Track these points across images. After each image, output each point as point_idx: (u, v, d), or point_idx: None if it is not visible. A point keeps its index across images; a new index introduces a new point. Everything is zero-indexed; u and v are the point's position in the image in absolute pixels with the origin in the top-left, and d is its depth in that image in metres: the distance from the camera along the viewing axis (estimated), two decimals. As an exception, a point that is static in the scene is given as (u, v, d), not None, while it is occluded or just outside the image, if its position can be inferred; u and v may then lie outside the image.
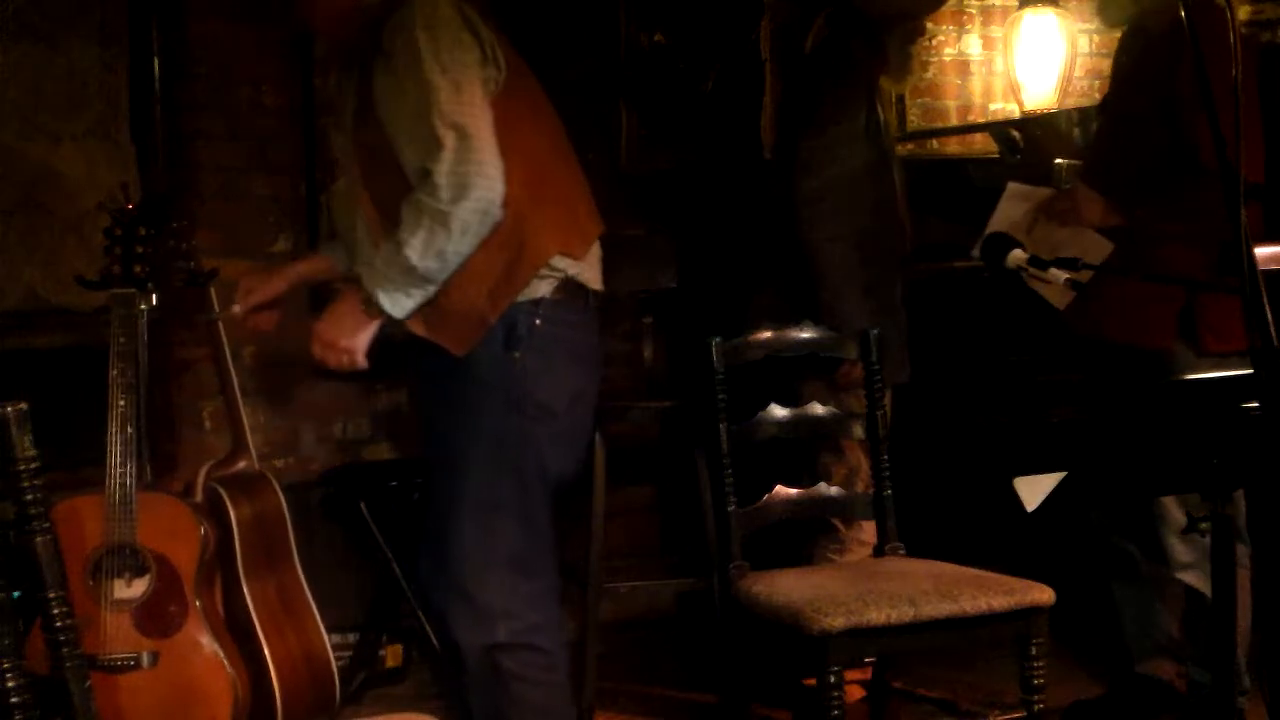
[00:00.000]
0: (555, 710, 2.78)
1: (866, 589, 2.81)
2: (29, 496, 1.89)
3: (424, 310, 2.63)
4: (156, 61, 3.84)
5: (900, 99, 5.04)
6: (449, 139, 2.51)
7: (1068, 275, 2.67)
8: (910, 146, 5.06)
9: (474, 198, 2.52)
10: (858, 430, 3.25)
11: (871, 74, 3.70)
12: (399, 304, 2.60)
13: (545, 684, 2.73)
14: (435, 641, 3.81)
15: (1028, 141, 4.79)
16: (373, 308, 2.60)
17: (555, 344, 2.71)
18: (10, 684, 1.85)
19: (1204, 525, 2.14)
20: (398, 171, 2.63)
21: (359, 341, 2.66)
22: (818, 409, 3.24)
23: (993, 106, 5.19)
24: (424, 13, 2.58)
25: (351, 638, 3.96)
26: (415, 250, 2.54)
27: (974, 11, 5.14)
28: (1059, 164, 3.64)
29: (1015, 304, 3.87)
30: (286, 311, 3.07)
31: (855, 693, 3.52)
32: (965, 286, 3.95)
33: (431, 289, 2.60)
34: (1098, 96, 5.09)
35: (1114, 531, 3.52)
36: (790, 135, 3.81)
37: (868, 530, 3.45)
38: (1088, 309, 3.28)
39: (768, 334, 3.22)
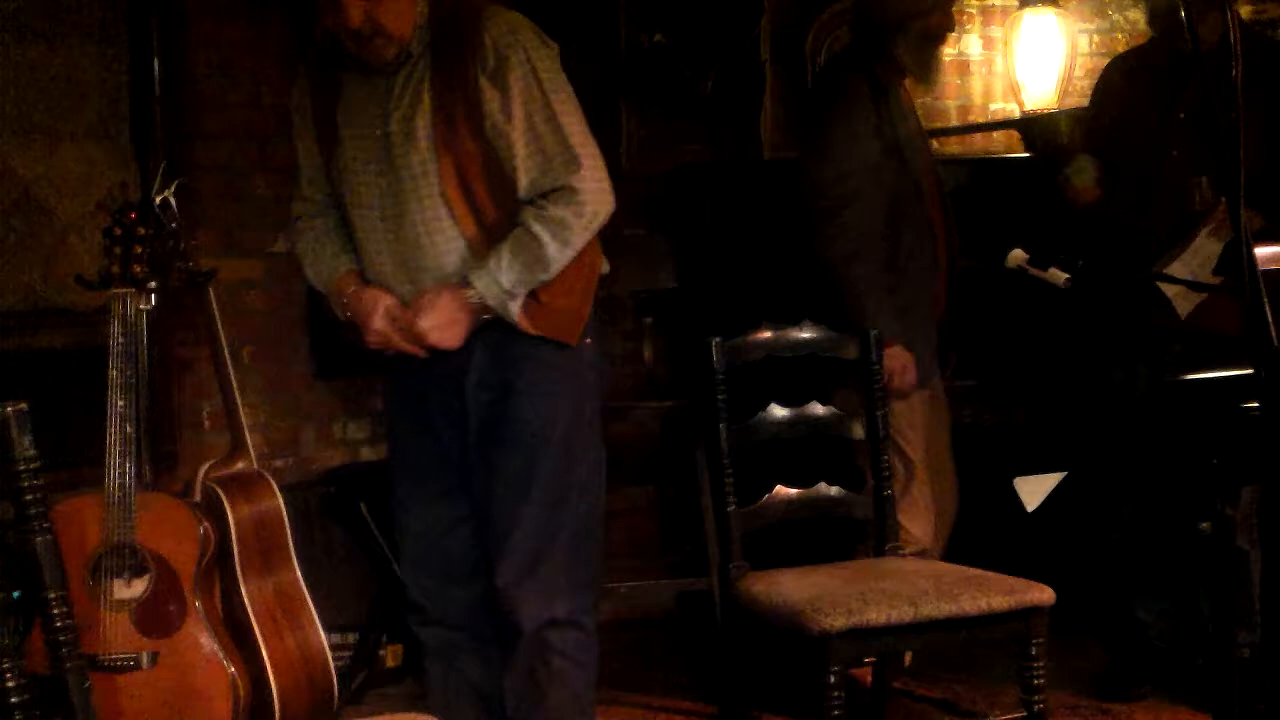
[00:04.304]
0: (587, 698, 2.88)
1: (866, 589, 2.81)
2: (29, 496, 1.89)
3: (530, 309, 2.71)
4: (156, 61, 3.84)
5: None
6: (586, 157, 2.70)
7: (1068, 275, 2.68)
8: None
9: (606, 211, 2.74)
10: (858, 430, 3.24)
11: (882, 79, 3.67)
12: (515, 310, 2.70)
13: (584, 666, 2.84)
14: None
15: (1029, 142, 4.80)
16: (485, 315, 2.70)
17: (599, 330, 2.88)
18: (10, 684, 1.86)
19: (1204, 525, 2.15)
20: (500, 179, 2.69)
21: (462, 335, 2.72)
22: (818, 409, 3.24)
23: (993, 106, 5.19)
24: (522, 31, 2.70)
25: (351, 638, 3.96)
26: (557, 263, 2.69)
27: (974, 11, 5.14)
28: (1199, 181, 3.60)
29: (1016, 303, 3.89)
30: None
31: (865, 676, 3.48)
32: (966, 286, 3.93)
33: None
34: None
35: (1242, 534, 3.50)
36: (801, 146, 3.81)
37: (911, 531, 3.48)
38: (1210, 306, 3.30)
39: (768, 334, 3.22)
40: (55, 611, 1.92)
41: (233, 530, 3.12)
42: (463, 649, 2.90)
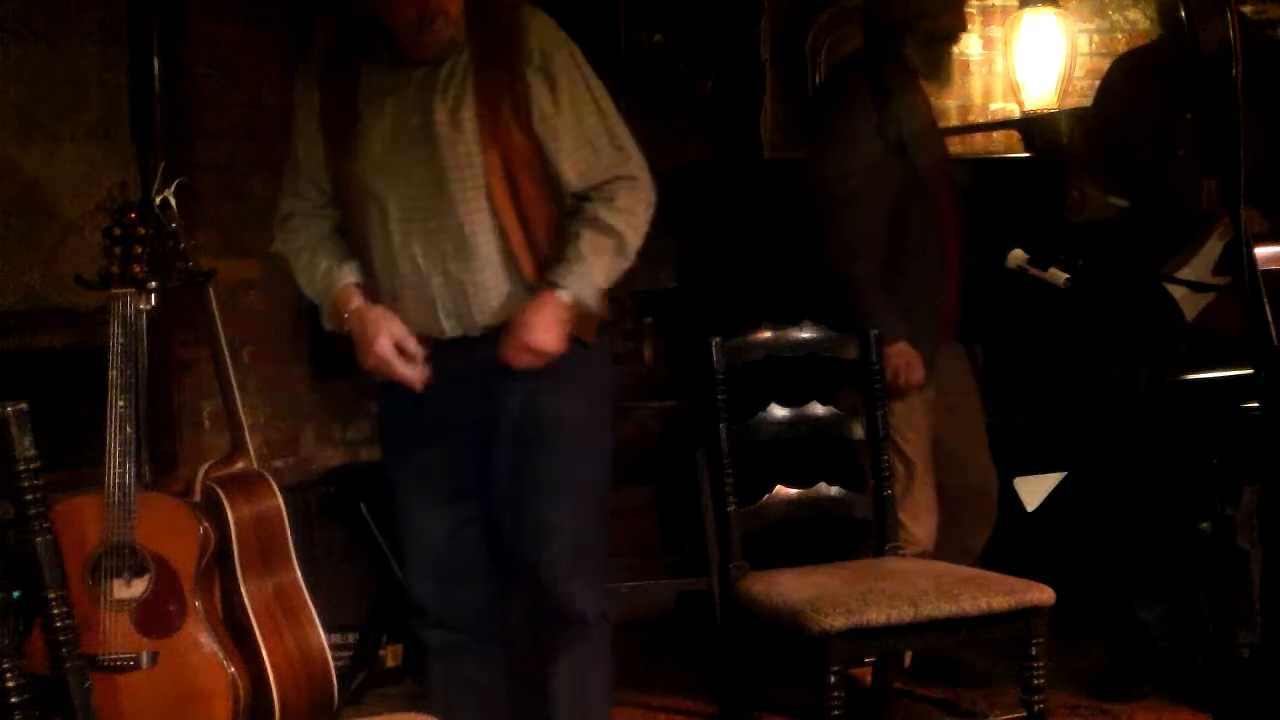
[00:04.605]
0: (608, 696, 2.93)
1: (866, 589, 2.81)
2: (29, 496, 1.89)
3: None
4: (156, 61, 3.84)
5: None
6: (632, 147, 2.80)
7: (1068, 275, 2.68)
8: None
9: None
10: (858, 430, 3.25)
11: (887, 80, 3.67)
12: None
13: (608, 660, 2.89)
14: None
15: (1029, 142, 4.80)
16: (573, 310, 2.73)
17: (603, 329, 2.89)
18: (10, 684, 1.85)
19: (1204, 525, 2.15)
20: (543, 175, 2.73)
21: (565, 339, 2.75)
22: (818, 409, 3.24)
23: (993, 106, 5.19)
24: (557, 29, 2.77)
25: (351, 638, 3.96)
26: (634, 250, 2.78)
27: (974, 11, 5.13)
28: (1208, 182, 3.59)
29: (1016, 303, 3.88)
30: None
31: (865, 676, 3.49)
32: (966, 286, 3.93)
33: None
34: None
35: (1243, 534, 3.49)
36: (807, 149, 3.82)
37: (913, 531, 3.48)
38: (1216, 307, 3.32)
39: (768, 334, 3.22)
40: (55, 611, 1.92)
41: (233, 530, 3.12)
42: (464, 650, 2.90)
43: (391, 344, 2.70)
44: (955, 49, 3.83)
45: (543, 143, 2.71)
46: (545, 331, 2.68)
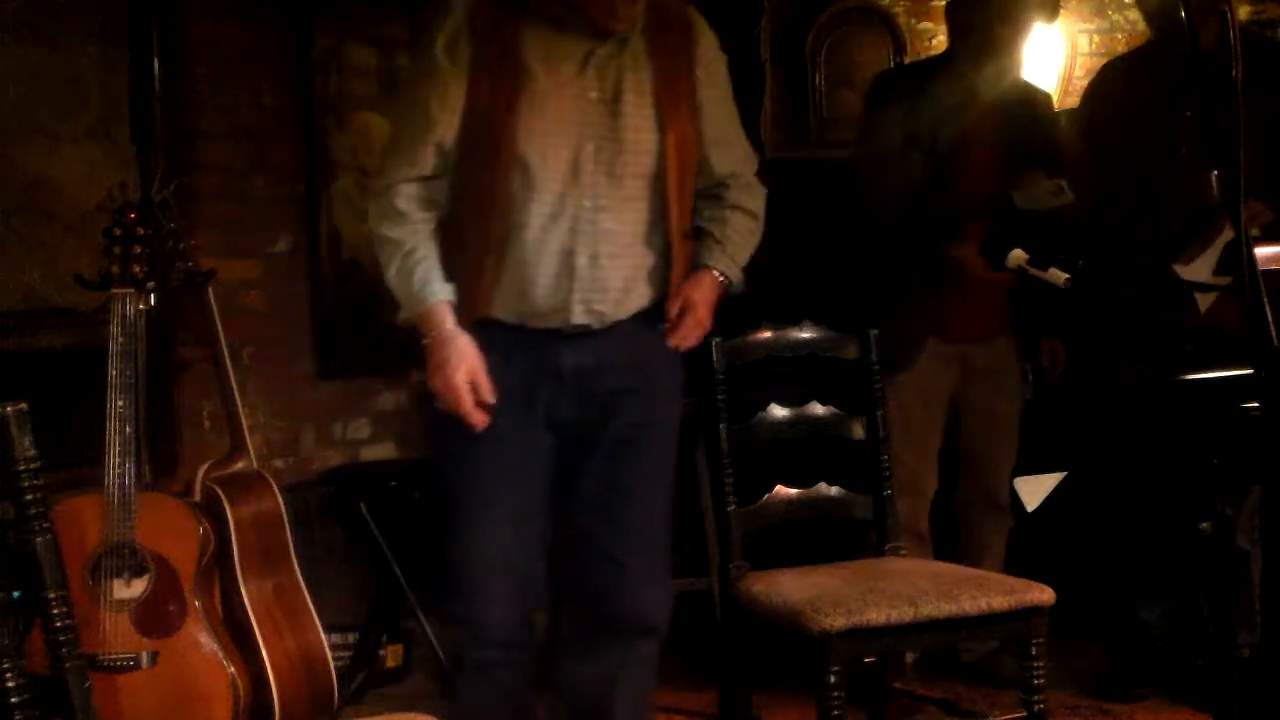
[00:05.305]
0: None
1: (866, 589, 2.81)
2: (29, 496, 1.89)
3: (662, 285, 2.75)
4: (156, 61, 3.84)
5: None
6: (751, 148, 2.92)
7: (1068, 275, 2.68)
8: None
9: None
10: (857, 430, 3.25)
11: (926, 74, 3.82)
12: None
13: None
14: (453, 644, 3.82)
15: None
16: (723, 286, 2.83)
17: None
18: (10, 684, 1.85)
19: (1204, 525, 2.14)
20: (693, 165, 2.76)
21: None
22: (818, 409, 3.24)
23: (993, 106, 5.18)
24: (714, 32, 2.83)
25: (351, 638, 3.96)
26: (763, 223, 2.89)
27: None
28: (1210, 177, 3.58)
29: (1016, 302, 3.88)
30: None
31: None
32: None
33: None
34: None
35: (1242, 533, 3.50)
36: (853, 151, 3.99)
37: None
38: (1225, 303, 3.35)
39: (768, 334, 3.23)
40: (55, 611, 1.92)
41: (232, 530, 3.13)
42: (503, 665, 2.75)
43: (468, 381, 2.55)
44: (1013, 60, 3.83)
45: (702, 134, 2.75)
46: (709, 313, 2.78)
